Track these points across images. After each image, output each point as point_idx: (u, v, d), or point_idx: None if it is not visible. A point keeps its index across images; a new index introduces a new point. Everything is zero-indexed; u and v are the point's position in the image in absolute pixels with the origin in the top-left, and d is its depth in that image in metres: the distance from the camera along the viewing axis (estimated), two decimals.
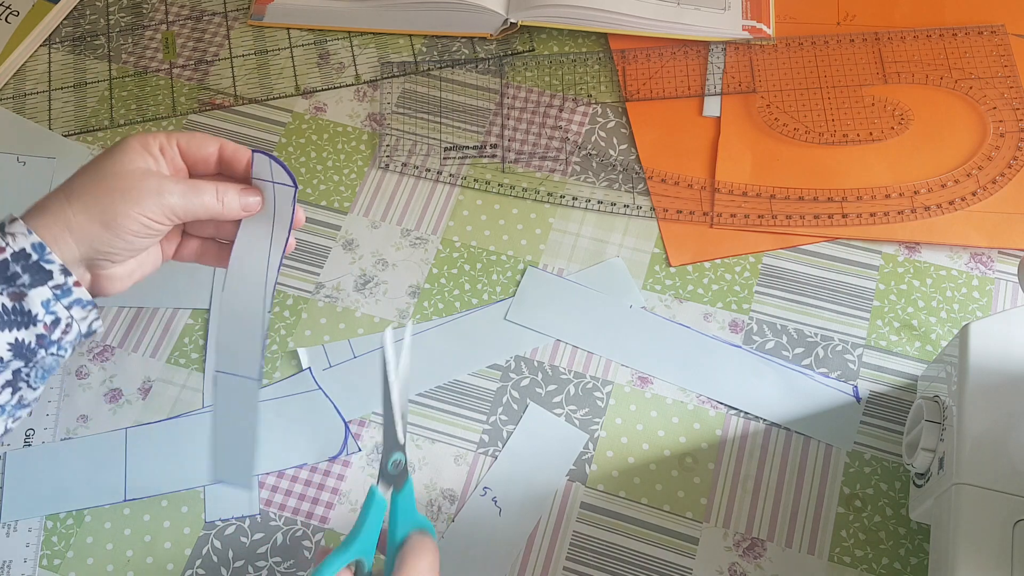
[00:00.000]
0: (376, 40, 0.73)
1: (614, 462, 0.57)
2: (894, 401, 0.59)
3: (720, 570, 0.54)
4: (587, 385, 0.60)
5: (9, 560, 0.55)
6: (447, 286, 0.63)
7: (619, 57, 0.71)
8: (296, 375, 0.60)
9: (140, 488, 0.57)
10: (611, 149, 0.67)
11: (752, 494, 0.56)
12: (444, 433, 0.58)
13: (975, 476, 0.47)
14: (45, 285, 0.43)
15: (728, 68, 0.70)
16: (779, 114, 0.68)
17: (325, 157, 0.68)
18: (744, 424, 0.58)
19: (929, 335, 0.61)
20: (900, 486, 0.56)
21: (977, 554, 0.45)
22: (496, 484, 0.56)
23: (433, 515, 0.56)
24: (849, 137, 0.67)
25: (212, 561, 0.55)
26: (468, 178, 0.66)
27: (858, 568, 0.54)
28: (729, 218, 0.64)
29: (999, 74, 0.68)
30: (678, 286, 0.63)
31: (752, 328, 0.61)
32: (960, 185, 0.64)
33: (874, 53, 0.70)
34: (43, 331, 0.44)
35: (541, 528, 0.56)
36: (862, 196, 0.64)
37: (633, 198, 0.65)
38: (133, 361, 0.61)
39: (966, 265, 0.63)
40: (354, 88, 0.71)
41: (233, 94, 0.70)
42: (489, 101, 0.70)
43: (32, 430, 0.58)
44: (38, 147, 0.68)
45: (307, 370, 0.60)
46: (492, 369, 0.60)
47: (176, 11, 0.75)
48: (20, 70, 0.72)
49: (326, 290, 0.63)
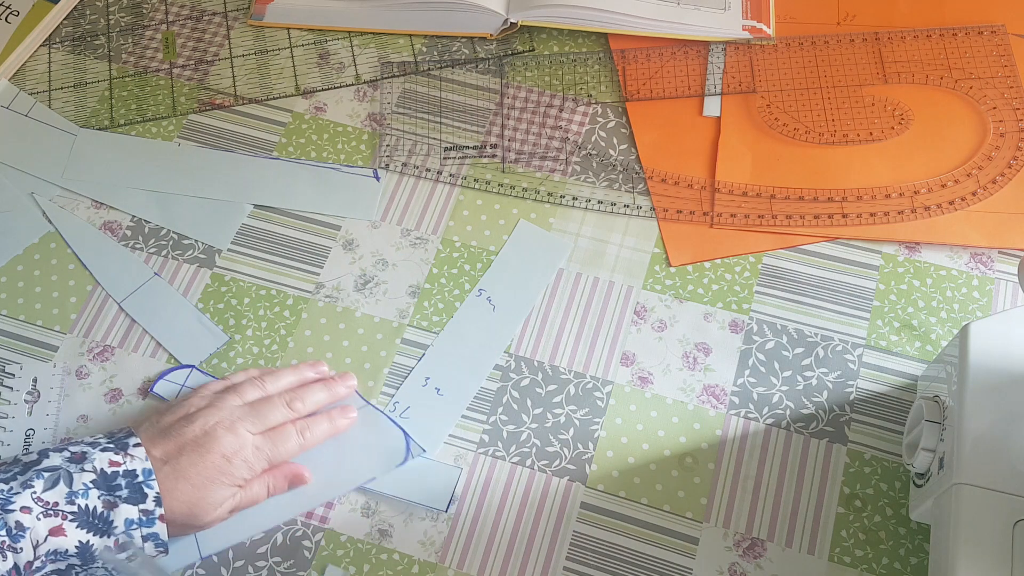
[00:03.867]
0: (376, 40, 0.73)
1: (614, 462, 0.57)
2: (894, 401, 0.59)
3: (720, 570, 0.54)
4: (587, 385, 0.60)
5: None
6: (447, 286, 0.63)
7: (619, 57, 0.71)
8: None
9: (214, 545, 0.55)
10: (611, 149, 0.67)
11: (752, 494, 0.56)
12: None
13: (975, 476, 0.47)
14: (136, 506, 0.47)
15: (728, 68, 0.70)
16: (779, 114, 0.68)
17: (325, 157, 0.68)
18: (744, 424, 0.58)
19: (929, 335, 0.61)
20: (900, 486, 0.56)
21: (977, 554, 0.45)
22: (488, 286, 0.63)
23: (433, 516, 0.56)
24: (849, 137, 0.67)
25: (212, 561, 0.55)
26: (468, 178, 0.66)
27: (858, 568, 0.54)
28: (729, 218, 0.64)
29: (999, 74, 0.68)
30: (678, 286, 0.63)
31: (752, 328, 0.61)
32: (960, 185, 0.64)
33: (874, 53, 0.70)
34: (111, 545, 0.47)
35: (541, 528, 0.56)
36: (862, 196, 0.64)
37: (633, 198, 0.65)
38: (133, 361, 0.61)
39: (966, 265, 0.63)
40: (354, 88, 0.71)
41: (233, 94, 0.70)
42: (489, 101, 0.70)
43: (32, 430, 0.58)
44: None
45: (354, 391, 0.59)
46: (492, 369, 0.60)
47: (176, 11, 0.75)
48: (20, 70, 0.72)
49: (326, 290, 0.63)
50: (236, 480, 0.51)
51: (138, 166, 0.67)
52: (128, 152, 0.68)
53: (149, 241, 0.65)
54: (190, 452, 0.50)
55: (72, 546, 0.46)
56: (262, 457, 0.52)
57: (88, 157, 0.68)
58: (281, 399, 0.54)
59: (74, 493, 0.46)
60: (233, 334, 0.62)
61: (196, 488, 0.49)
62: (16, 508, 0.45)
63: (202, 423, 0.51)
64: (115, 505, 0.47)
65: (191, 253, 0.64)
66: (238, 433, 0.51)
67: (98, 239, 0.65)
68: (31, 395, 0.59)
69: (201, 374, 0.60)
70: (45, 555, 0.45)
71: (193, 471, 0.49)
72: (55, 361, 0.61)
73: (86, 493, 0.46)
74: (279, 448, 0.53)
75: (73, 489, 0.46)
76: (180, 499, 0.49)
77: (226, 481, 0.50)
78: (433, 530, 0.56)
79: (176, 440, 0.50)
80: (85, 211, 0.66)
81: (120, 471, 0.47)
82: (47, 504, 0.46)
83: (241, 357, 0.61)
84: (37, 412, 0.59)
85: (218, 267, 0.64)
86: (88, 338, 0.61)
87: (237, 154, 0.68)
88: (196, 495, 0.49)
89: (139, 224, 0.65)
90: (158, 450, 0.50)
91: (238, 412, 0.53)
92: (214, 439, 0.51)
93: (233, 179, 0.67)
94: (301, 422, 0.54)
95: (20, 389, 0.59)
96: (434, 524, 0.56)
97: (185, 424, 0.51)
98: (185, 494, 0.49)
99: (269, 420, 0.53)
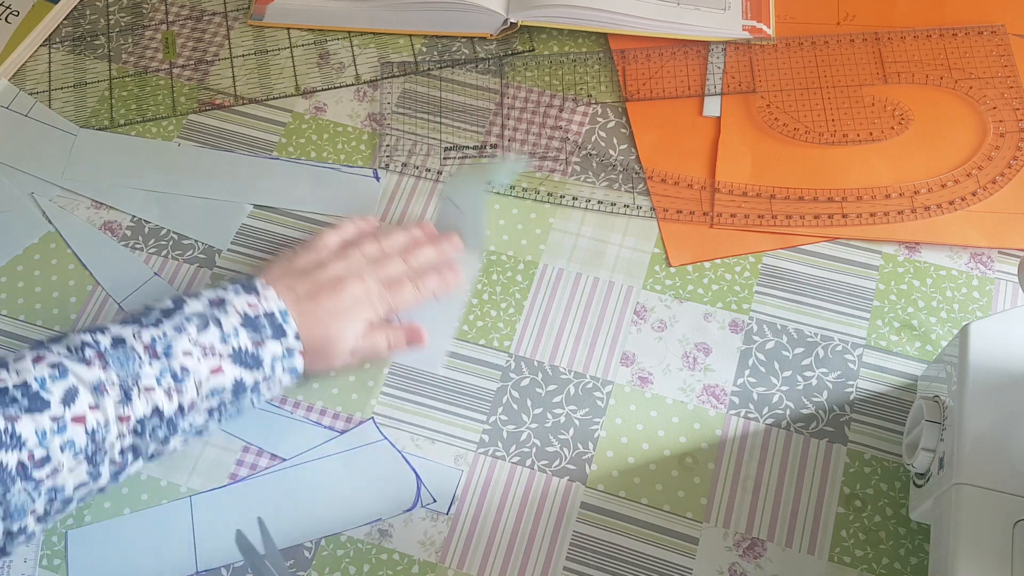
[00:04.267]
0: (376, 40, 0.73)
1: (614, 462, 0.57)
2: (894, 401, 0.59)
3: (720, 570, 0.54)
4: (587, 385, 0.60)
5: (9, 560, 0.55)
6: None
7: (619, 57, 0.71)
8: (360, 426, 0.58)
9: (211, 558, 0.55)
10: (611, 149, 0.67)
11: (752, 494, 0.56)
12: (444, 433, 0.58)
13: (975, 476, 0.47)
14: (279, 341, 0.52)
15: (728, 68, 0.70)
16: (779, 114, 0.68)
17: (325, 157, 0.68)
18: (744, 424, 0.58)
19: (929, 335, 0.61)
20: (900, 486, 0.56)
21: (977, 554, 0.45)
22: None
23: (433, 516, 0.56)
24: (849, 137, 0.67)
25: None
26: None
27: (858, 568, 0.54)
28: (729, 218, 0.64)
29: (999, 74, 0.68)
30: (678, 286, 0.63)
31: (752, 328, 0.61)
32: (960, 185, 0.64)
33: (874, 53, 0.70)
34: (259, 379, 0.52)
35: (541, 528, 0.56)
36: (862, 196, 0.64)
37: (633, 198, 0.65)
38: None
39: (966, 265, 0.63)
40: (354, 88, 0.71)
41: (233, 94, 0.70)
42: (489, 101, 0.70)
43: None
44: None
45: (371, 420, 0.59)
46: (492, 369, 0.60)
47: (176, 11, 0.75)
48: (20, 70, 0.72)
49: None
50: (363, 321, 0.56)
51: (138, 166, 0.67)
52: (128, 152, 0.68)
53: (149, 241, 0.65)
54: (327, 293, 0.55)
55: (229, 383, 0.50)
56: (385, 304, 0.57)
57: (88, 157, 0.68)
58: (398, 256, 0.59)
59: (226, 335, 0.50)
60: None
61: (328, 326, 0.54)
62: (178, 352, 0.49)
63: (334, 269, 0.56)
64: (262, 343, 0.51)
65: (191, 253, 0.64)
66: (365, 281, 0.56)
67: (98, 239, 0.65)
68: None
69: None
70: (206, 394, 0.50)
71: (326, 309, 0.54)
72: None
73: (236, 334, 0.51)
74: (398, 297, 0.57)
75: (224, 332, 0.50)
76: (316, 333, 0.54)
77: (356, 321, 0.55)
78: (433, 530, 0.56)
79: (313, 281, 0.55)
80: (85, 211, 0.66)
81: (261, 312, 0.52)
82: (205, 347, 0.50)
83: None
84: None
85: (218, 267, 0.64)
86: None
87: (237, 154, 0.68)
88: (329, 332, 0.54)
89: (139, 224, 0.65)
90: (298, 289, 0.54)
91: (365, 264, 0.58)
92: (345, 284, 0.55)
93: (233, 179, 0.67)
94: (415, 276, 0.59)
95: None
96: (434, 524, 0.56)
97: (320, 269, 0.56)
98: (320, 329, 0.54)
99: (390, 273, 0.58)
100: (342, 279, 0.56)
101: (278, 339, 0.52)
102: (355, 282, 0.56)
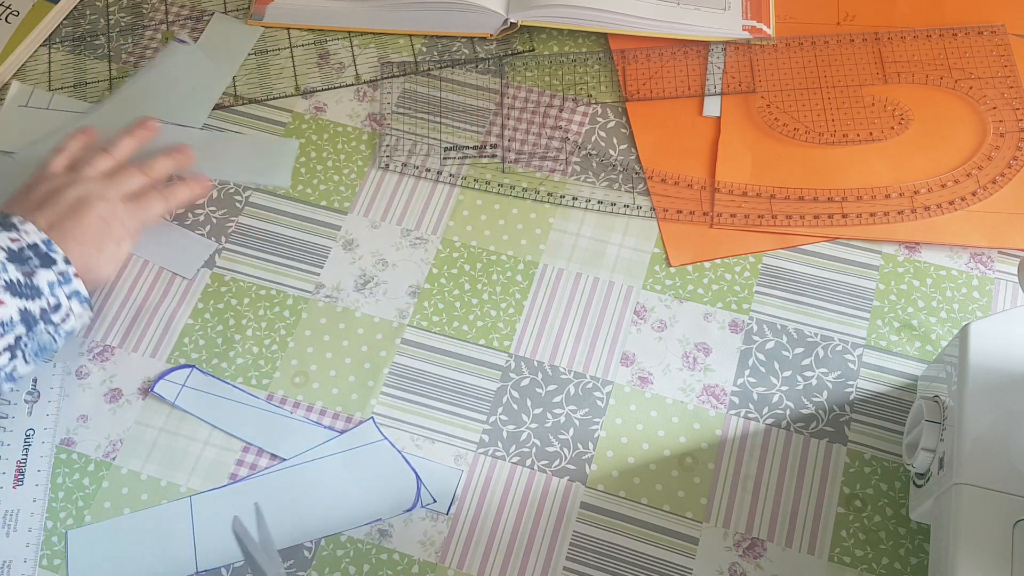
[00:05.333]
0: (376, 40, 0.73)
1: (614, 462, 0.57)
2: (894, 401, 0.59)
3: (720, 570, 0.54)
4: (587, 385, 0.60)
5: (9, 560, 0.55)
6: (447, 286, 0.63)
7: (619, 57, 0.71)
8: (360, 426, 0.58)
9: (211, 558, 0.55)
10: (611, 149, 0.67)
11: (752, 494, 0.56)
12: (444, 433, 0.58)
13: (975, 476, 0.47)
14: (50, 269, 0.52)
15: (728, 68, 0.70)
16: (779, 114, 0.68)
17: (325, 157, 0.68)
18: (744, 424, 0.58)
19: (929, 335, 0.61)
20: (900, 486, 0.56)
21: (977, 554, 0.45)
22: None
23: (433, 516, 0.56)
24: (849, 137, 0.67)
25: None
26: (468, 178, 0.66)
27: (858, 568, 0.54)
28: (729, 218, 0.64)
29: (999, 74, 0.68)
30: (678, 286, 0.63)
31: (752, 328, 0.61)
32: (960, 185, 0.64)
33: (874, 53, 0.70)
34: (46, 306, 0.51)
35: (541, 528, 0.56)
36: (862, 196, 0.64)
37: (633, 198, 0.65)
38: (133, 361, 0.61)
39: (966, 265, 0.63)
40: (354, 88, 0.71)
41: (233, 94, 0.70)
42: (489, 101, 0.70)
43: (32, 430, 0.58)
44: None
45: (371, 420, 0.59)
46: (492, 369, 0.60)
47: (176, 11, 0.75)
48: (20, 70, 0.72)
49: (326, 290, 0.63)
50: (117, 238, 0.56)
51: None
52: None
53: None
54: (70, 217, 0.55)
55: (15, 313, 0.50)
56: (136, 219, 0.57)
57: None
58: (134, 166, 0.60)
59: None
60: (233, 334, 0.62)
61: (84, 246, 0.54)
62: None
63: (73, 193, 0.56)
64: (33, 273, 0.51)
65: None
66: (108, 199, 0.56)
67: None
68: (31, 395, 0.59)
69: (201, 374, 0.60)
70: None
71: (77, 231, 0.54)
72: (55, 361, 0.60)
73: (4, 268, 0.50)
74: (147, 211, 0.58)
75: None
76: (75, 257, 0.53)
77: (109, 240, 0.55)
78: (433, 530, 0.56)
79: (54, 209, 0.55)
80: None
81: (24, 245, 0.51)
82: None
83: (241, 357, 0.61)
84: (37, 412, 0.59)
85: (218, 267, 0.64)
86: (88, 338, 0.61)
87: (164, 124, 0.67)
88: (86, 252, 0.54)
89: None
90: (41, 220, 0.54)
91: (102, 182, 0.57)
92: (88, 205, 0.55)
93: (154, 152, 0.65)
94: (164, 188, 0.60)
95: (20, 389, 0.59)
96: (434, 524, 0.56)
97: (57, 196, 0.56)
98: (76, 252, 0.54)
99: (131, 186, 0.59)
100: (83, 201, 0.55)
101: (48, 267, 0.52)
102: (97, 203, 0.56)
